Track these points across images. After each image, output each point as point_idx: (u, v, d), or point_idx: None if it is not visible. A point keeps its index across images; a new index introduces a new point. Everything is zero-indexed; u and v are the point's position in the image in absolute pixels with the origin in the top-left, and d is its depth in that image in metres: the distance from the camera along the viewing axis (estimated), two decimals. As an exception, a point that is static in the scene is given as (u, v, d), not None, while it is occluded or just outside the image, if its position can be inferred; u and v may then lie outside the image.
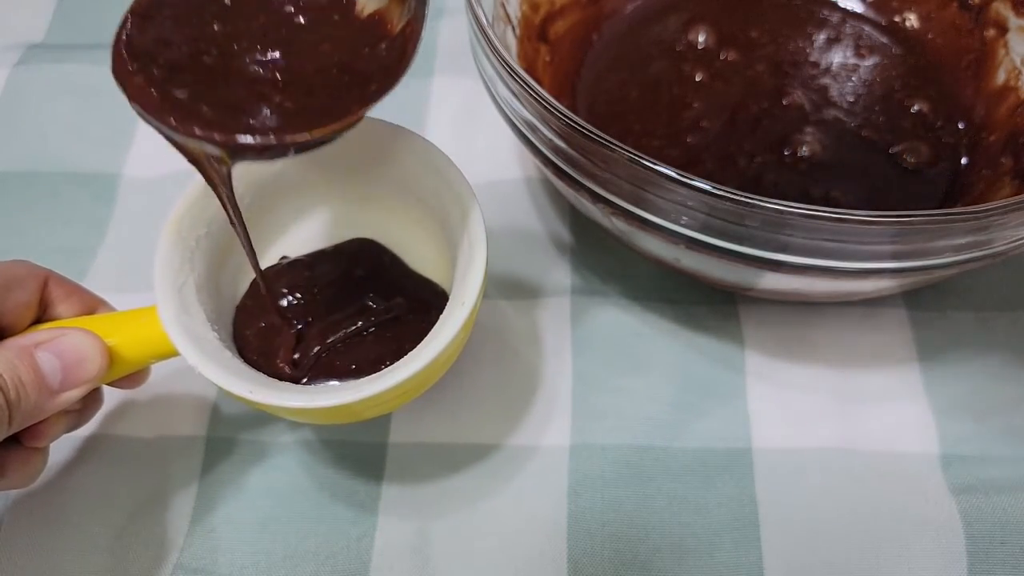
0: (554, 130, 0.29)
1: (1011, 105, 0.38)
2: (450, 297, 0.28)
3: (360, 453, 0.34)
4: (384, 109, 0.45)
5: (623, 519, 0.32)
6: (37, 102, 0.44)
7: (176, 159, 0.43)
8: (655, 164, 0.26)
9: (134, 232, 0.40)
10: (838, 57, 0.42)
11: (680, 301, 0.37)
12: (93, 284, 0.38)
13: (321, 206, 0.33)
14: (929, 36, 0.42)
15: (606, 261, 0.38)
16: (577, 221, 0.39)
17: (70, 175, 0.42)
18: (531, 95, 0.29)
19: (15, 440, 0.27)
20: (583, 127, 0.28)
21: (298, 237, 0.33)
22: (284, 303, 0.32)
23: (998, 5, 0.39)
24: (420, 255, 0.33)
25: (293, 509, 0.33)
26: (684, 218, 0.28)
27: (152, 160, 0.42)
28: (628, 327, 0.36)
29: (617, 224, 0.32)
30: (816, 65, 0.41)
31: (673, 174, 0.26)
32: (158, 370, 0.36)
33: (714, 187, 0.26)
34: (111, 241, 0.40)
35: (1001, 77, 0.38)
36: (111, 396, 0.35)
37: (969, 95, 0.39)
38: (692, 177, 0.26)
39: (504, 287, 0.38)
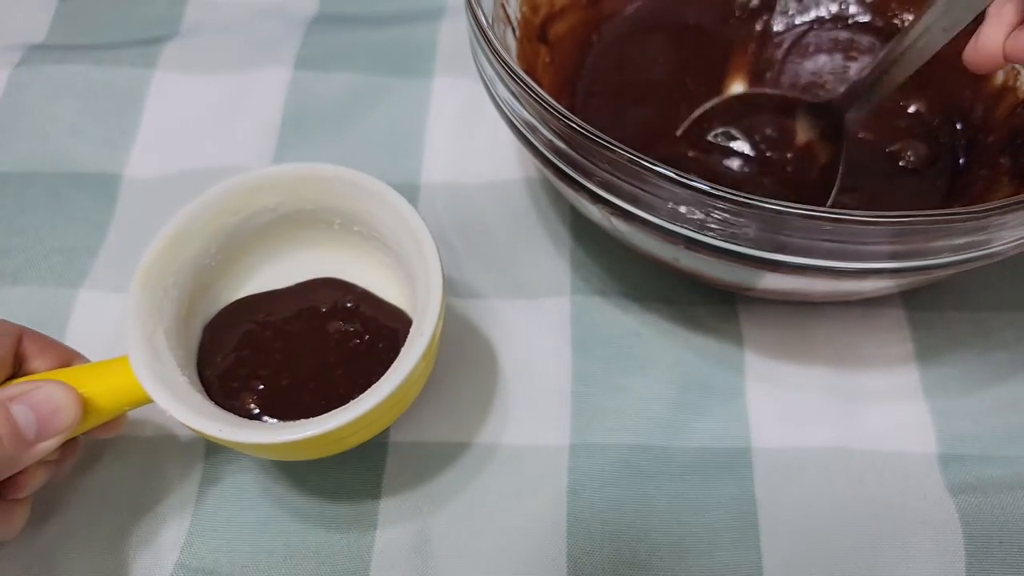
0: (554, 131, 0.29)
1: (1010, 105, 0.38)
2: (413, 325, 0.29)
3: (360, 452, 0.34)
4: (385, 109, 0.46)
5: (623, 518, 0.32)
6: (38, 102, 0.44)
7: (176, 160, 0.43)
8: (655, 164, 0.27)
9: (135, 233, 0.40)
10: (837, 57, 0.42)
11: (679, 301, 0.37)
12: (94, 284, 0.38)
13: (288, 251, 0.34)
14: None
15: (606, 261, 0.38)
16: (577, 221, 0.39)
17: (71, 176, 0.42)
18: (531, 96, 0.29)
19: None
20: (583, 128, 0.28)
21: (265, 281, 0.34)
22: (246, 341, 0.32)
23: (997, 6, 0.39)
24: (386, 295, 0.34)
25: (293, 509, 0.33)
26: (683, 218, 0.28)
27: (153, 161, 0.42)
28: (628, 327, 0.36)
29: (617, 224, 0.32)
30: (815, 65, 0.41)
31: (672, 174, 0.26)
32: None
33: (713, 187, 0.26)
34: (112, 242, 0.40)
35: (1000, 77, 0.39)
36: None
37: (968, 95, 0.39)
38: (691, 177, 0.26)
39: (504, 287, 0.38)
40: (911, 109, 0.39)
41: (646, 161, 0.27)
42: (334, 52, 0.46)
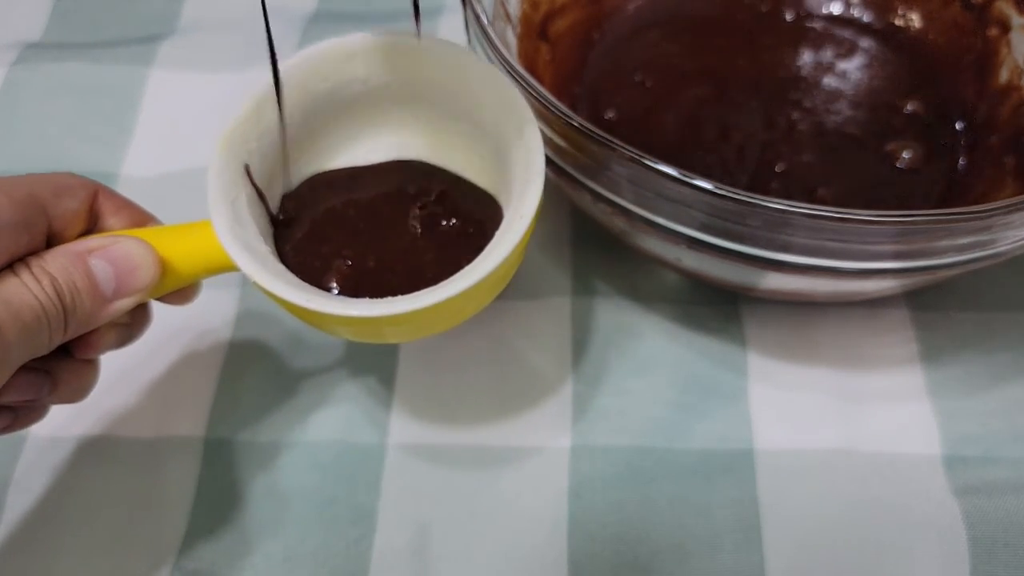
0: (554, 130, 0.29)
1: (1014, 104, 0.37)
2: (508, 211, 0.27)
3: (359, 454, 0.34)
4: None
5: (624, 520, 0.32)
6: (35, 101, 0.44)
7: (174, 159, 0.43)
8: (656, 163, 0.26)
9: (132, 232, 0.40)
10: (837, 56, 0.41)
11: (681, 301, 0.37)
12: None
13: (374, 130, 0.33)
14: (931, 36, 0.42)
15: (606, 261, 0.38)
16: (577, 221, 0.39)
17: (68, 174, 0.42)
18: (531, 94, 0.29)
19: (65, 352, 0.27)
20: (583, 127, 0.27)
21: (349, 159, 0.33)
22: (328, 218, 0.31)
23: (1000, 4, 0.39)
24: (477, 182, 0.32)
25: (292, 510, 0.33)
26: (685, 218, 0.28)
27: (150, 159, 0.42)
28: (629, 328, 0.36)
29: (618, 224, 0.31)
30: (815, 64, 0.41)
31: (674, 173, 0.26)
32: (157, 369, 0.36)
33: (716, 187, 0.26)
34: (109, 241, 0.40)
35: (1004, 76, 0.38)
36: (110, 396, 0.35)
37: (971, 95, 0.39)
38: (693, 176, 0.26)
39: (504, 287, 0.38)
40: (908, 109, 0.39)
41: (648, 160, 0.26)
42: (333, 50, 0.46)
